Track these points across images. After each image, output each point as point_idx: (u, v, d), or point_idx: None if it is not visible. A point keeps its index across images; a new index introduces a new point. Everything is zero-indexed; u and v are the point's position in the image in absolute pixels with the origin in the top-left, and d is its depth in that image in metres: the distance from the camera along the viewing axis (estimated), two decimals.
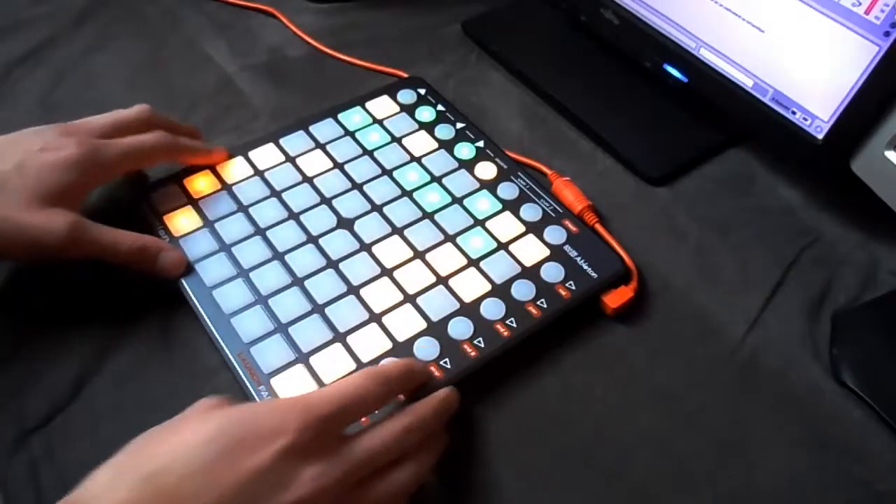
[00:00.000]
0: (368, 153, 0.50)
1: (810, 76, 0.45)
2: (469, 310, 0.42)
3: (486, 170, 0.50)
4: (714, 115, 0.55)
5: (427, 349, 0.40)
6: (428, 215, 0.47)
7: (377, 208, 0.47)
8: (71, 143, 0.39)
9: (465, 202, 0.48)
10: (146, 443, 0.30)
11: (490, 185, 0.49)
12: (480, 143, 0.52)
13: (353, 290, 0.43)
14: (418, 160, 0.50)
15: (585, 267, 0.44)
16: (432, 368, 0.40)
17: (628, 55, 0.58)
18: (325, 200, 0.47)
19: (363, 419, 0.35)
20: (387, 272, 0.44)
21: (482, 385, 0.41)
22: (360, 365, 0.40)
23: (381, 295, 0.43)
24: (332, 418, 0.31)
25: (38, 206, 0.38)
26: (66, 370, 0.40)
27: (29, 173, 0.38)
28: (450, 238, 0.46)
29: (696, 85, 0.52)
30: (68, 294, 0.44)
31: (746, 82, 0.49)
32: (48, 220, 0.38)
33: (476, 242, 0.46)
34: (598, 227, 0.48)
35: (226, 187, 0.48)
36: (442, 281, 0.43)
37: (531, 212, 0.47)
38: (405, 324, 0.41)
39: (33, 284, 0.44)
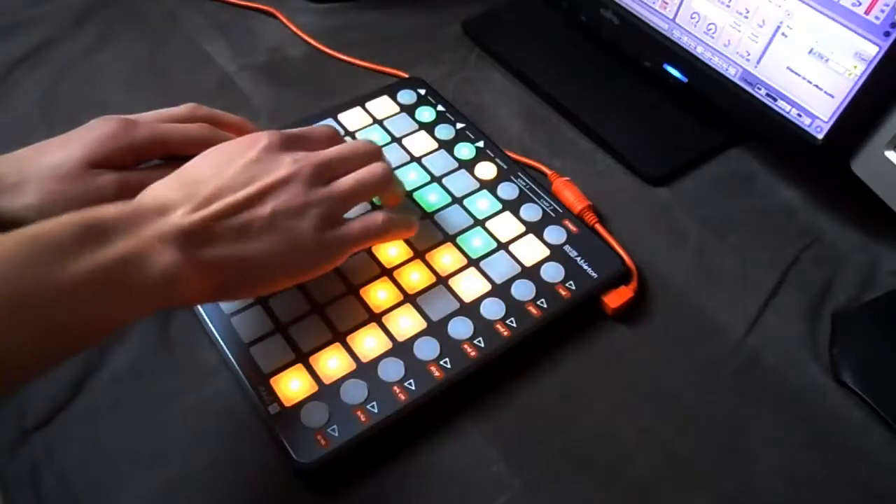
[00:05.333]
0: None
1: (810, 76, 0.45)
2: (469, 310, 0.42)
3: (486, 170, 0.50)
4: (714, 115, 0.55)
5: (427, 349, 0.40)
6: (428, 215, 0.47)
7: (377, 208, 0.47)
8: (111, 121, 0.43)
9: (465, 202, 0.48)
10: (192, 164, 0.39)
11: (490, 185, 0.49)
12: (480, 144, 0.52)
13: (353, 290, 0.43)
14: (418, 160, 0.50)
15: (585, 267, 0.44)
16: (433, 368, 0.40)
17: (628, 55, 0.58)
18: None
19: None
20: (387, 272, 0.44)
21: (482, 385, 0.41)
22: (360, 365, 0.40)
23: (380, 295, 0.43)
24: (291, 137, 0.40)
25: (82, 171, 0.41)
26: (66, 370, 0.40)
27: (71, 146, 0.41)
28: (450, 238, 0.46)
29: (696, 85, 0.52)
30: None
31: (746, 82, 0.49)
32: (96, 183, 0.41)
33: (476, 242, 0.46)
34: (598, 227, 0.48)
35: None
36: (442, 281, 0.43)
37: (531, 212, 0.47)
38: (405, 324, 0.41)
39: None
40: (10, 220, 0.40)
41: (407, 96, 0.55)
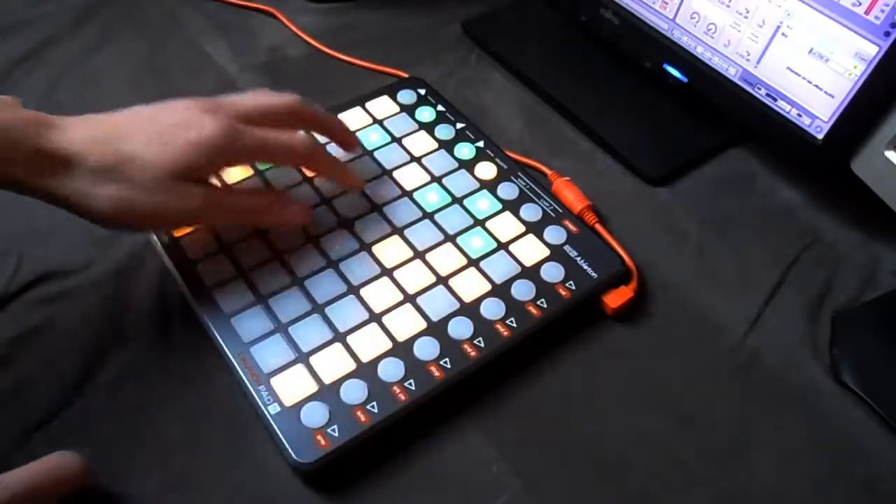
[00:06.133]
0: (368, 153, 0.50)
1: (810, 76, 0.45)
2: (469, 310, 0.42)
3: (486, 170, 0.50)
4: (714, 115, 0.55)
5: (427, 349, 0.40)
6: (428, 215, 0.47)
7: (377, 208, 0.47)
8: (213, 124, 0.38)
9: (465, 202, 0.48)
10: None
11: (490, 185, 0.49)
12: (480, 143, 0.52)
13: (353, 290, 0.43)
14: (418, 160, 0.50)
15: (585, 267, 0.44)
16: (433, 368, 0.40)
17: (628, 55, 0.58)
18: (326, 200, 0.47)
19: None
20: (387, 272, 0.44)
21: (482, 385, 0.41)
22: (360, 365, 0.40)
23: (381, 295, 0.43)
24: None
25: (172, 181, 0.37)
26: (66, 370, 0.40)
27: (167, 150, 0.37)
28: (450, 238, 0.46)
29: (696, 85, 0.52)
30: (69, 294, 0.44)
31: (746, 82, 0.49)
32: (182, 195, 0.38)
33: (476, 242, 0.46)
34: (598, 227, 0.48)
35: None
36: (442, 281, 0.43)
37: (531, 212, 0.47)
38: (405, 324, 0.41)
39: (33, 284, 0.44)
40: (79, 202, 0.37)
41: (407, 96, 0.55)
